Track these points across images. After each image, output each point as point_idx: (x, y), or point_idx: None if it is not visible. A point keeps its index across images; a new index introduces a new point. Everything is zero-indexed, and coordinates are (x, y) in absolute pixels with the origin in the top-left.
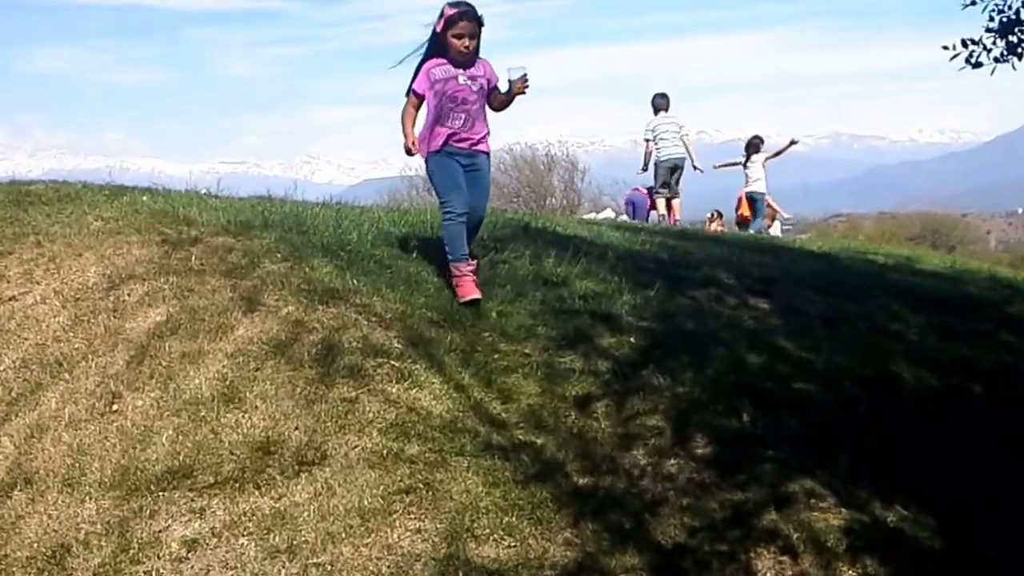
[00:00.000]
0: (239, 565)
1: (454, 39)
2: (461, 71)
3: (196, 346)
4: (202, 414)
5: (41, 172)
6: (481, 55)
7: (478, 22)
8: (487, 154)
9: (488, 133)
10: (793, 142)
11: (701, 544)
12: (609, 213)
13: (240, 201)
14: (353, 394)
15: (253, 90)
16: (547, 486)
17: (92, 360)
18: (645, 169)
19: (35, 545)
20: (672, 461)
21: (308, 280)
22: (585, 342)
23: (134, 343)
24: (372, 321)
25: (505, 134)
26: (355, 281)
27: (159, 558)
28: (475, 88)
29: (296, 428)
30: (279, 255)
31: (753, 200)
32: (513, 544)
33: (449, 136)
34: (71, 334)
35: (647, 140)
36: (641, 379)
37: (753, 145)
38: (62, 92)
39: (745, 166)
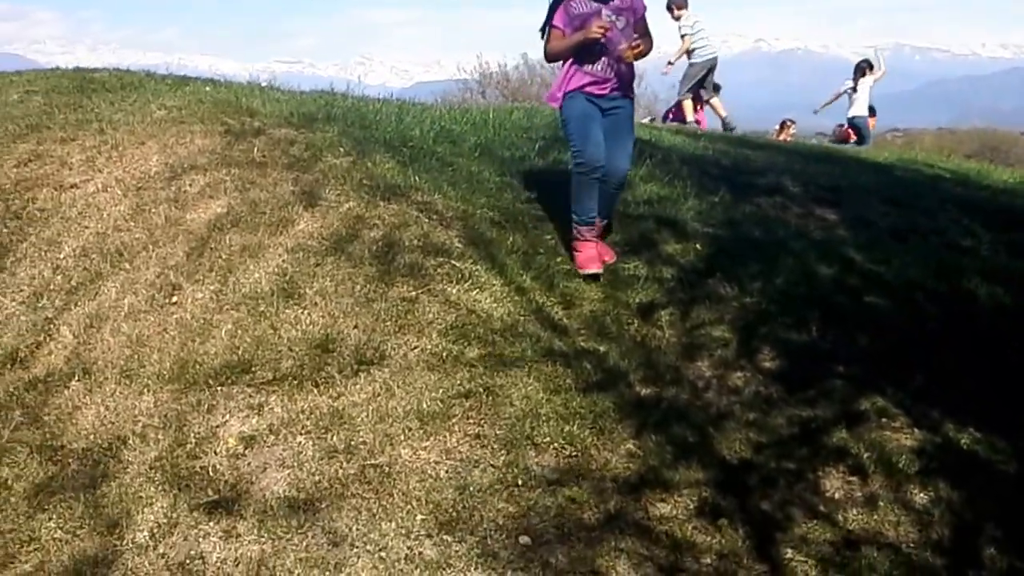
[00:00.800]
0: (296, 463)
1: None
2: (603, 6)
3: (256, 240)
4: (261, 309)
5: (101, 66)
6: None
7: None
8: (631, 99)
9: (634, 76)
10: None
11: (767, 461)
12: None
13: (302, 95)
14: (413, 294)
15: None
16: (609, 395)
17: (152, 251)
18: (671, 64)
19: (91, 436)
20: (738, 374)
21: (370, 175)
22: (649, 248)
23: (194, 235)
24: (433, 219)
25: None
26: (417, 178)
27: (216, 453)
28: (620, 25)
29: (355, 326)
30: (341, 149)
31: (856, 126)
32: (574, 454)
33: (589, 81)
34: (132, 223)
35: (684, 36)
36: (707, 288)
37: (860, 69)
38: None
39: (854, 91)
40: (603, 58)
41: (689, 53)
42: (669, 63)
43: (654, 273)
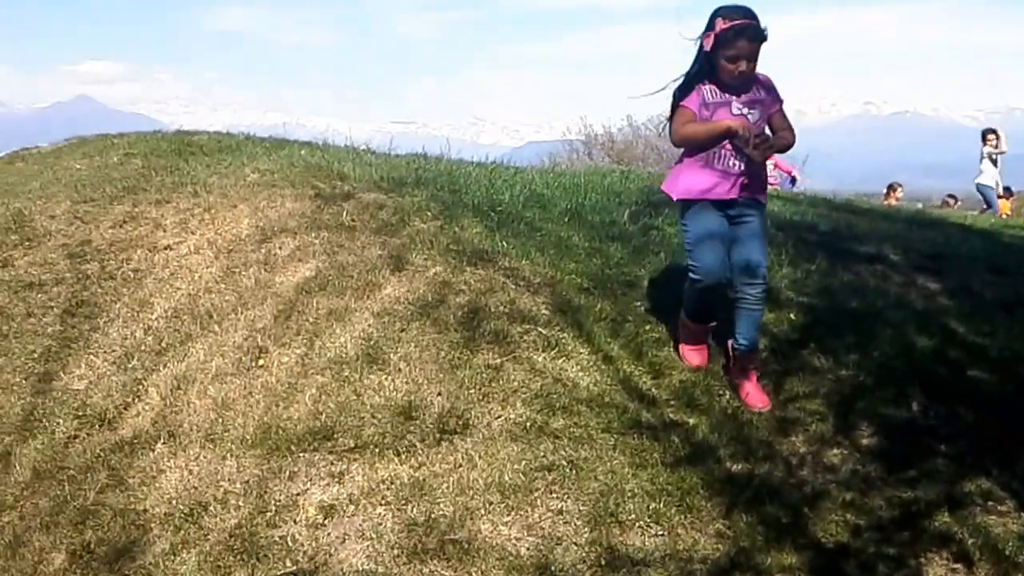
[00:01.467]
0: (375, 536)
1: (726, 62)
2: (734, 98)
3: (343, 303)
4: (345, 374)
5: (222, 127)
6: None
7: (759, 40)
8: (763, 205)
9: (766, 175)
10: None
11: (866, 545)
12: None
13: (395, 158)
14: (498, 361)
15: (424, 52)
16: (698, 471)
17: (241, 313)
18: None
19: (174, 501)
20: (834, 451)
21: (457, 240)
22: None
23: (282, 297)
24: (520, 285)
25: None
26: (504, 243)
27: (295, 523)
28: (753, 119)
29: (439, 394)
30: (429, 213)
31: (981, 192)
32: (660, 532)
33: (714, 181)
34: (222, 286)
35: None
36: (801, 359)
37: (983, 136)
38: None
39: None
40: (733, 154)
41: None
42: None
43: None
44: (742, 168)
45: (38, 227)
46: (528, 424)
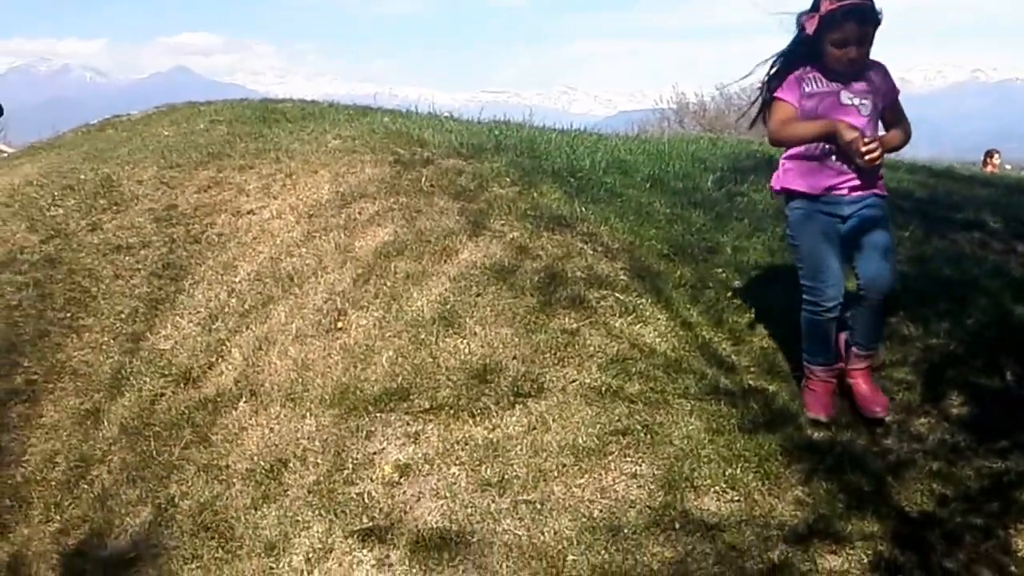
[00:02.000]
0: (449, 495)
1: (833, 47)
2: (842, 87)
3: (420, 267)
4: (422, 337)
5: (316, 96)
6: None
7: (873, 23)
8: (883, 198)
9: (882, 168)
10: None
11: (952, 515)
12: None
13: (476, 125)
14: (574, 325)
15: (516, 20)
16: (777, 437)
17: (321, 276)
18: None
19: (255, 457)
20: (922, 420)
21: (535, 206)
22: None
23: (361, 261)
24: (598, 251)
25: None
26: (583, 209)
27: (372, 480)
28: (865, 111)
29: (514, 357)
30: (508, 179)
31: None
32: (736, 498)
33: (825, 183)
34: (303, 249)
35: None
36: (890, 326)
37: None
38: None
39: None
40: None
41: None
42: None
43: None
44: (849, 166)
45: (126, 192)
46: (603, 388)
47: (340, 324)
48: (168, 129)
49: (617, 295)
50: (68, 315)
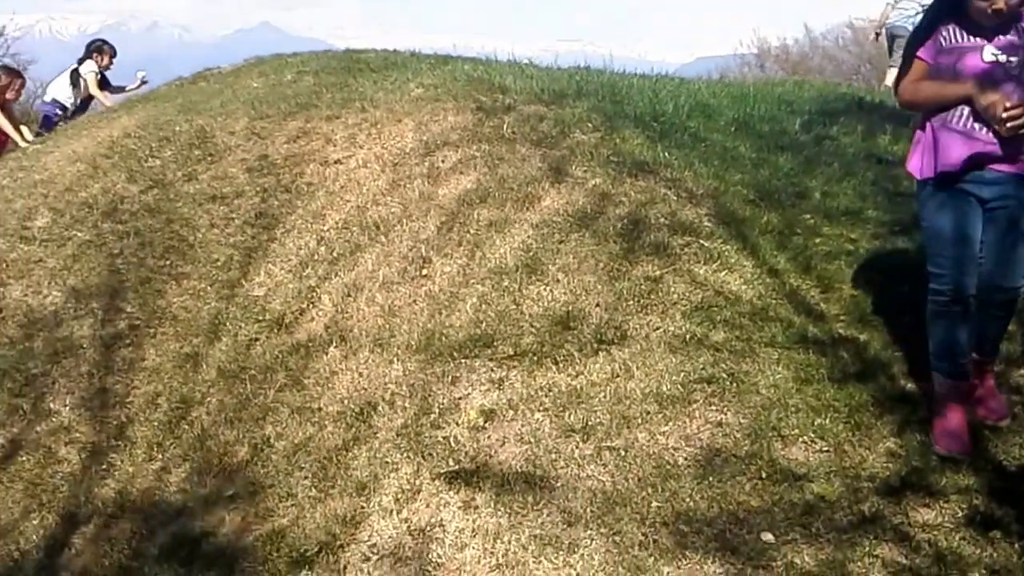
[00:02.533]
0: (533, 440)
1: None
2: (986, 41)
3: (503, 215)
4: (505, 284)
5: (392, 47)
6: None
7: None
8: None
9: None
10: None
11: None
12: None
13: (557, 71)
14: (657, 273)
15: None
16: (868, 388)
17: (406, 224)
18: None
19: (345, 401)
20: (1022, 371)
21: (618, 152)
22: (919, 227)
23: (445, 209)
24: (682, 197)
25: (847, 7)
26: (667, 154)
27: (457, 424)
28: (1013, 69)
29: (597, 304)
30: (590, 125)
31: None
32: (825, 448)
33: (962, 155)
34: (388, 198)
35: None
36: None
37: None
38: None
39: None
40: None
41: None
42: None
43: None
44: (992, 135)
45: (219, 143)
46: (687, 336)
47: (425, 271)
48: (257, 81)
49: (701, 241)
50: (167, 263)
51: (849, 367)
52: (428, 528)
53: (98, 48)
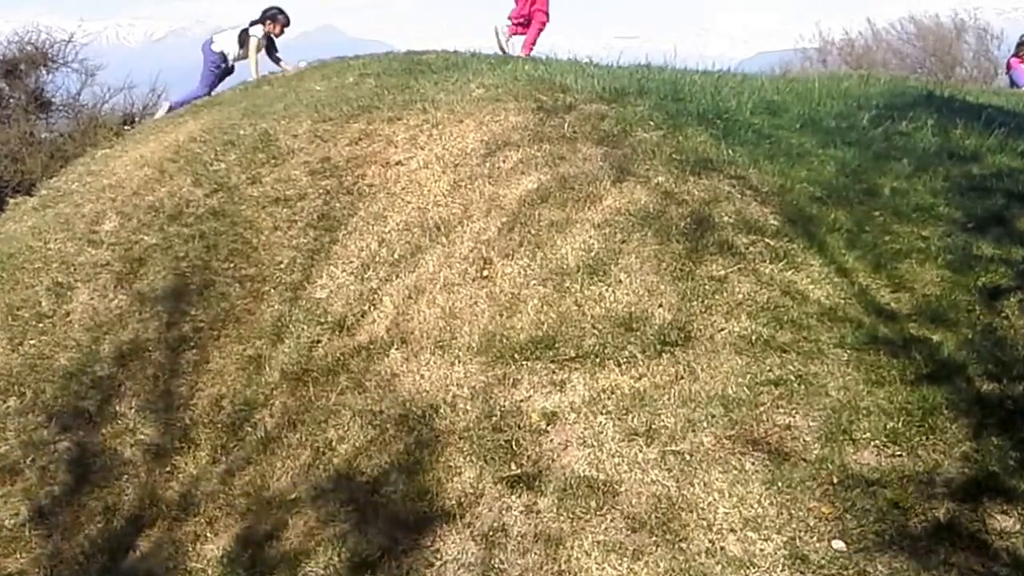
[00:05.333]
0: (596, 443)
1: None
2: None
3: (564, 215)
4: (567, 285)
5: (451, 46)
6: None
7: None
8: None
9: None
10: None
11: None
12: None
13: (617, 69)
14: (722, 272)
15: None
16: (943, 390)
17: (467, 225)
18: None
19: (407, 404)
20: None
21: (680, 150)
22: (997, 225)
23: (506, 210)
24: (747, 195)
25: (909, 3)
26: (731, 151)
27: (519, 428)
28: None
29: (660, 305)
30: (652, 123)
31: None
32: (899, 453)
33: None
34: (449, 199)
35: None
36: None
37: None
38: None
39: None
40: None
41: None
42: None
43: (1002, 254)
44: None
45: (282, 145)
46: (754, 337)
47: (486, 273)
48: (319, 84)
49: (768, 240)
50: (231, 265)
51: (922, 369)
52: (491, 533)
53: (272, 16)
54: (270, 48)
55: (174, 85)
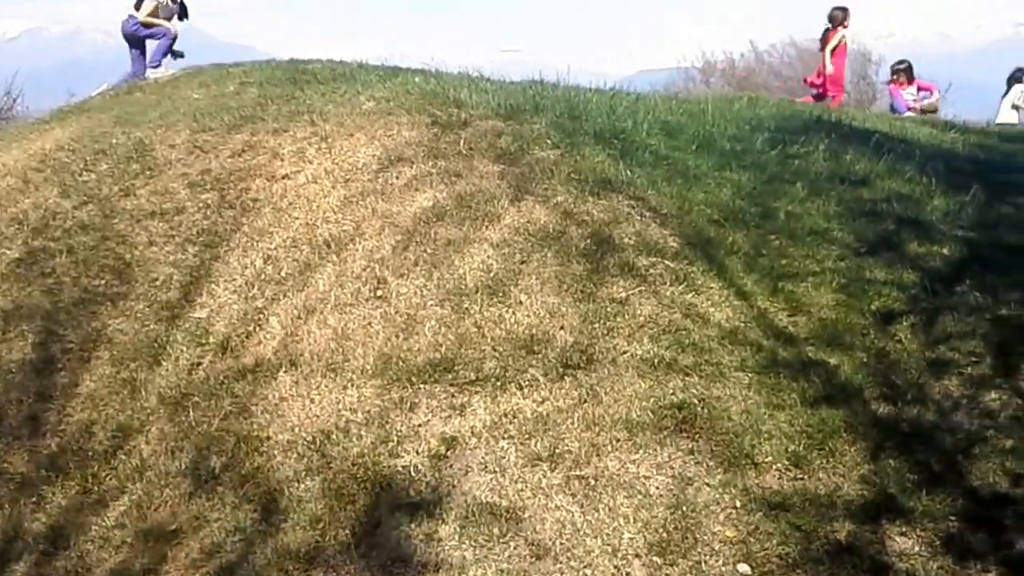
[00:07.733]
0: (498, 469)
1: None
2: None
3: (462, 233)
4: (465, 305)
5: (327, 57)
6: None
7: None
8: None
9: None
10: None
11: None
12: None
13: (511, 85)
14: (624, 294)
15: None
16: (841, 413)
17: (360, 243)
18: None
19: (296, 429)
20: (993, 394)
21: (579, 169)
22: (889, 250)
23: (401, 227)
24: (647, 216)
25: (790, 27)
26: (629, 172)
27: (417, 453)
28: None
29: (562, 327)
30: (549, 141)
31: None
32: (800, 476)
33: None
34: (340, 215)
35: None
36: (955, 296)
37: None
38: None
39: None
40: None
41: None
42: None
43: (893, 278)
44: None
45: (159, 156)
46: (656, 360)
47: (380, 293)
48: (198, 92)
49: (668, 262)
50: (103, 282)
51: (821, 392)
52: (389, 563)
53: None
54: (183, 11)
55: (32, 88)
